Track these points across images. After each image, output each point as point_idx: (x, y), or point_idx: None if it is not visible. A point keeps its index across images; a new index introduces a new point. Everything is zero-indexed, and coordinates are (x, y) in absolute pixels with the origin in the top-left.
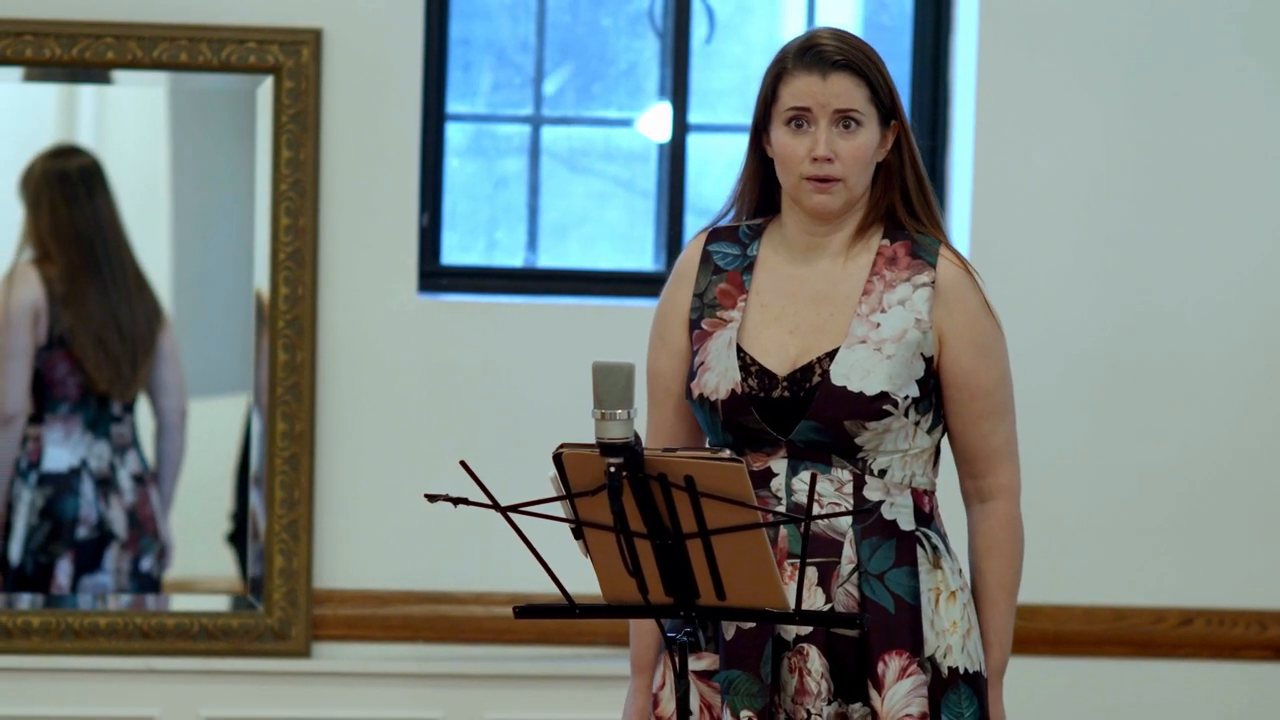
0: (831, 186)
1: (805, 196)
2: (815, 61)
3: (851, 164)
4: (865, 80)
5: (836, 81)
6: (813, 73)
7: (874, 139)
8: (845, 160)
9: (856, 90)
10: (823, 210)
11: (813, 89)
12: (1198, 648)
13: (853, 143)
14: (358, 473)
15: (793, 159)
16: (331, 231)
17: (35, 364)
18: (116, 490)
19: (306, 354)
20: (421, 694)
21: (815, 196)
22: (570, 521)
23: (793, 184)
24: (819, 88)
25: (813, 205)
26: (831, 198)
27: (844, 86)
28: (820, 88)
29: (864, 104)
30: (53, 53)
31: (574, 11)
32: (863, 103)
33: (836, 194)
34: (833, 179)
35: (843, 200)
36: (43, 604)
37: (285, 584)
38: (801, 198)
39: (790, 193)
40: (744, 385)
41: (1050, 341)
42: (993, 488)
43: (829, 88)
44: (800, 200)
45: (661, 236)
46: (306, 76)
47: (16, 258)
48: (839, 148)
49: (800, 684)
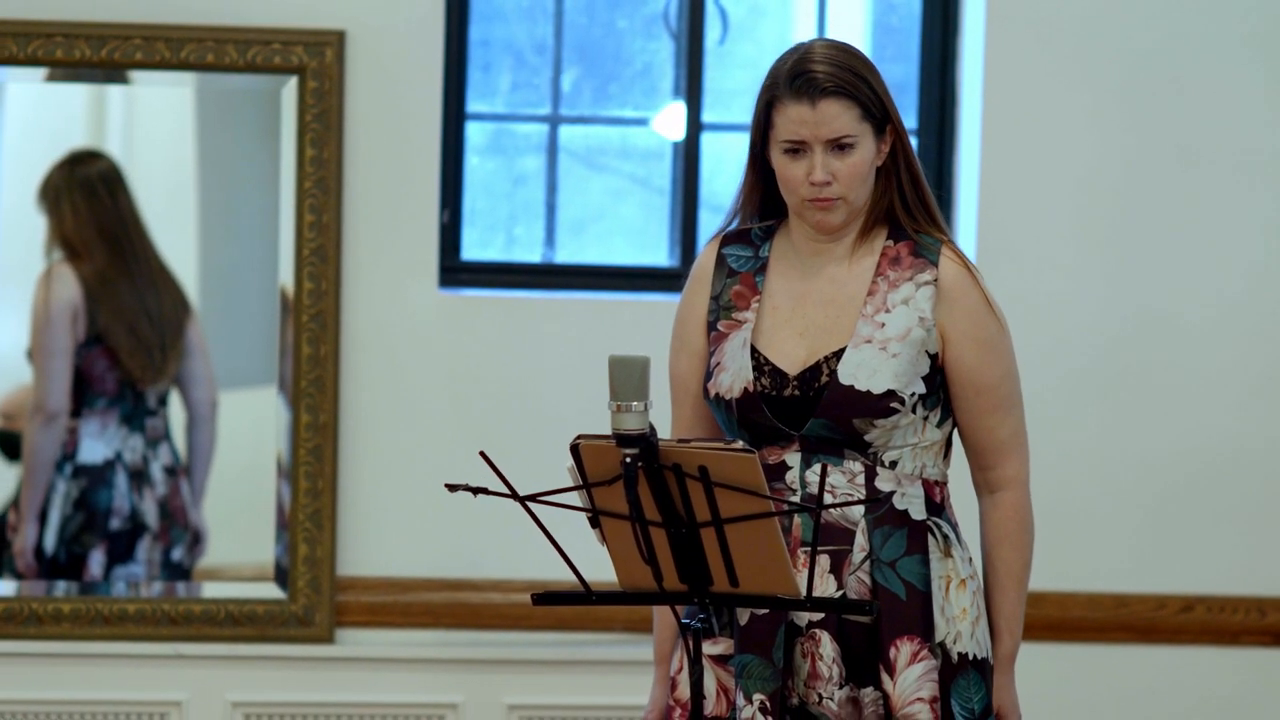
0: (832, 204)
1: (808, 215)
2: (805, 89)
3: (849, 181)
4: (855, 100)
5: (826, 108)
6: (802, 102)
7: (869, 154)
8: (843, 179)
9: (846, 113)
10: (826, 227)
11: (804, 118)
12: (1198, 633)
13: (848, 162)
14: (380, 463)
15: (793, 182)
16: (354, 228)
17: (75, 361)
18: (149, 482)
19: (330, 347)
20: (442, 678)
21: (817, 215)
22: (587, 510)
23: (795, 204)
24: (809, 116)
25: (815, 223)
26: (833, 215)
27: (833, 112)
28: (811, 116)
29: (855, 124)
30: (82, 53)
31: (590, 13)
32: (854, 123)
33: (837, 210)
34: (832, 199)
35: (844, 215)
36: (75, 591)
37: (309, 571)
38: (805, 216)
39: (794, 211)
40: (756, 384)
41: (1055, 337)
42: (1001, 479)
43: (819, 115)
44: (804, 218)
45: (676, 232)
46: (330, 77)
47: (47, 258)
48: (835, 169)
49: (812, 668)
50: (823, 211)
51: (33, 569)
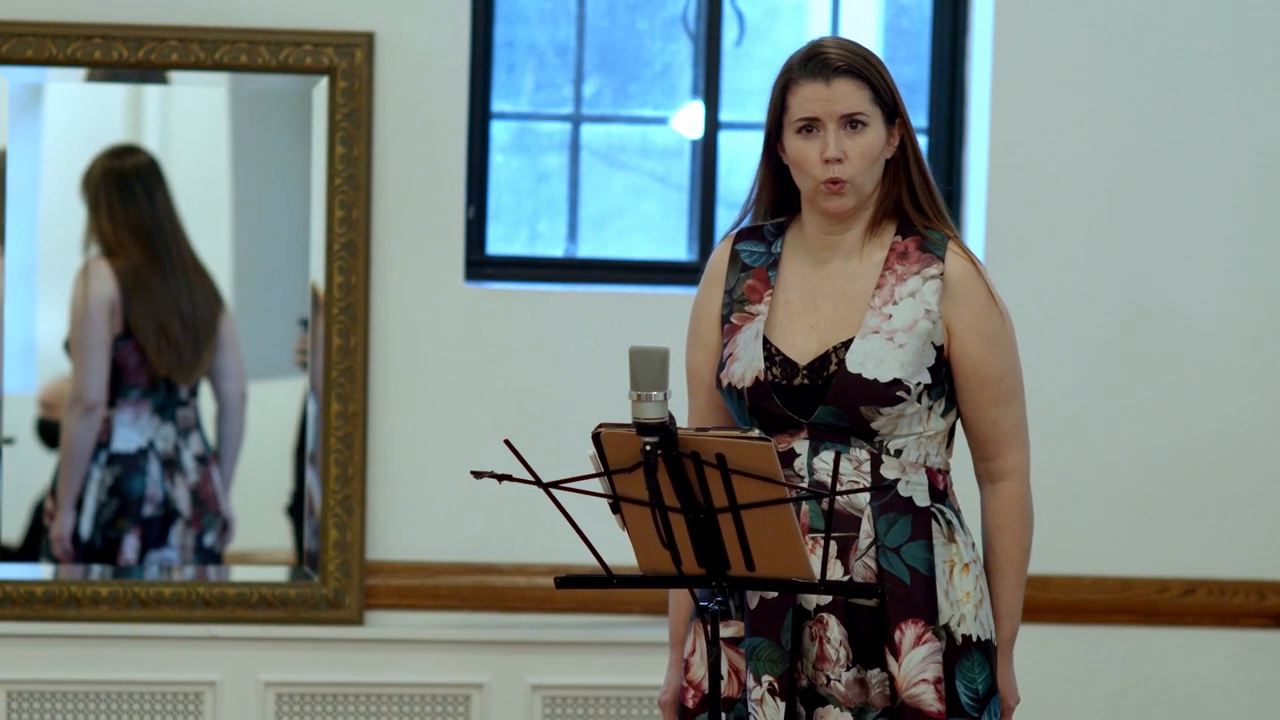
0: (843, 188)
1: (821, 199)
2: (819, 69)
3: (860, 162)
4: (867, 83)
5: (840, 86)
6: (817, 80)
7: (880, 138)
8: (854, 159)
9: (859, 92)
10: (838, 210)
11: (818, 95)
12: (1200, 616)
13: (860, 141)
14: (408, 451)
15: (807, 163)
16: (383, 223)
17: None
18: (181, 470)
19: (359, 339)
20: (468, 659)
21: (829, 199)
22: (608, 497)
23: (810, 188)
24: (824, 94)
25: (827, 207)
26: (844, 199)
27: (847, 90)
28: (825, 93)
29: (867, 105)
30: (120, 54)
31: (611, 16)
32: (866, 104)
33: (848, 194)
34: (843, 181)
35: (855, 199)
36: (111, 575)
37: (340, 556)
38: (817, 200)
39: (807, 196)
40: (767, 373)
41: (1062, 328)
42: (1003, 469)
43: (833, 93)
44: (816, 203)
45: (694, 228)
46: (360, 77)
47: (85, 253)
48: (847, 147)
49: (820, 651)
50: (834, 196)
51: (69, 554)
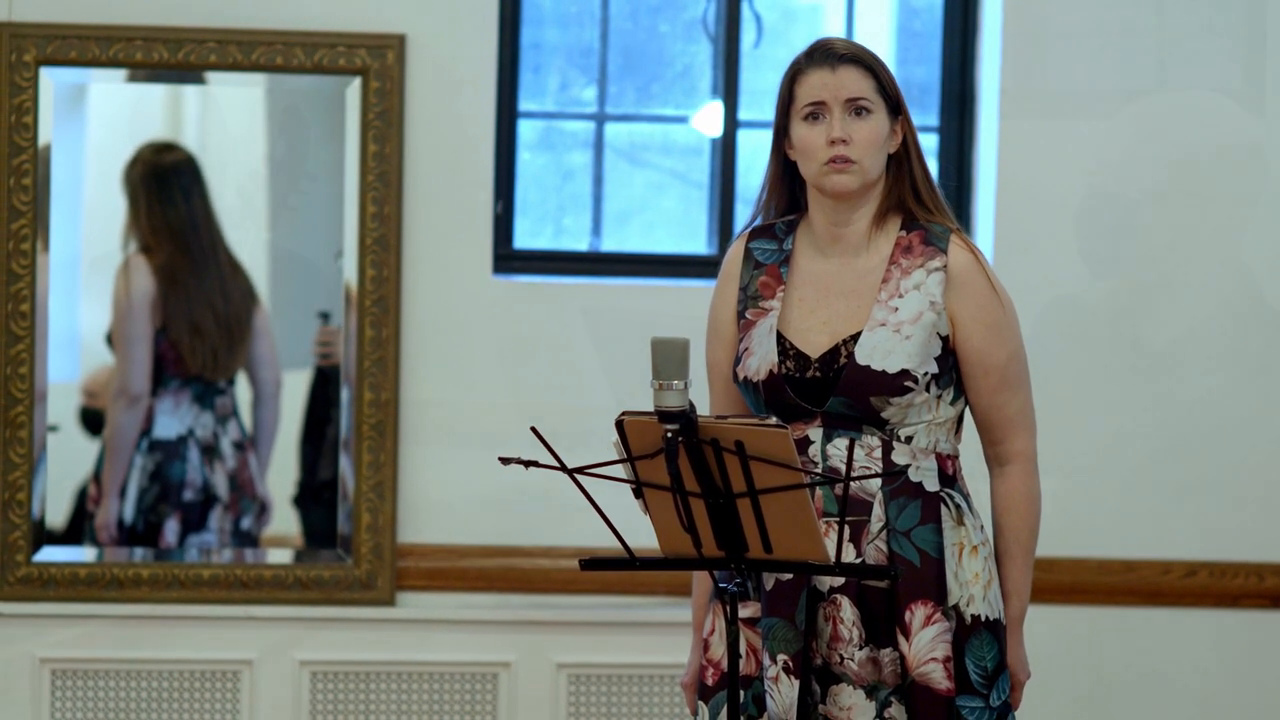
0: (849, 167)
1: (826, 180)
2: (825, 57)
3: (865, 146)
4: (871, 73)
5: (845, 73)
6: (823, 67)
7: (884, 126)
8: (859, 143)
9: (864, 80)
10: (843, 190)
11: (825, 81)
12: (1201, 597)
13: (865, 126)
14: (437, 438)
15: (813, 147)
16: (414, 219)
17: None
18: (219, 456)
19: (391, 330)
20: (495, 639)
21: (834, 178)
22: (631, 482)
23: (815, 172)
24: (830, 80)
25: (833, 186)
26: (850, 178)
27: (852, 77)
28: (831, 79)
29: (872, 93)
30: (160, 56)
31: (634, 19)
32: (870, 92)
33: (854, 174)
34: (849, 160)
35: (859, 181)
36: (153, 557)
37: (372, 539)
38: (823, 182)
39: (813, 181)
40: (781, 366)
41: (1069, 322)
42: (1009, 454)
43: (839, 79)
44: (822, 185)
45: (714, 223)
46: (391, 78)
47: (124, 249)
48: (852, 131)
49: (834, 631)
50: (839, 174)
51: (113, 537)
